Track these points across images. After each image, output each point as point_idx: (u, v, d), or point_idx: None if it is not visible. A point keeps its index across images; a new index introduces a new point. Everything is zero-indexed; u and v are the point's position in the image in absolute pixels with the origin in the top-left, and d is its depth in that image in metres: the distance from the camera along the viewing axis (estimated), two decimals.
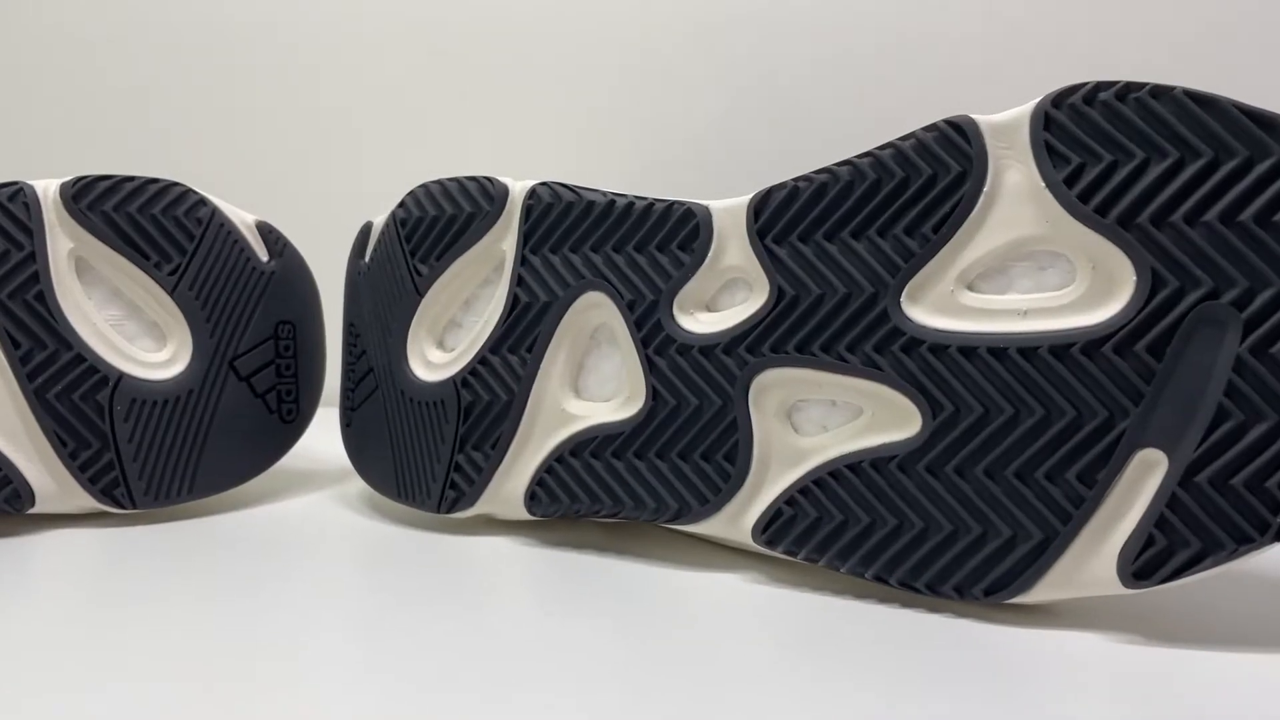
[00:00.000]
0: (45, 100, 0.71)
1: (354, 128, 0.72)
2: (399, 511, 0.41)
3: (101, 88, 0.71)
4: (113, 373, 0.38)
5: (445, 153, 0.69)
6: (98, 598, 0.32)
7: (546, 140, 0.69)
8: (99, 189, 0.38)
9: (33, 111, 0.71)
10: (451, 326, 0.39)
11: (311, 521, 0.40)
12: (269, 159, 0.71)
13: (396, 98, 0.71)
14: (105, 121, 0.71)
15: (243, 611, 0.30)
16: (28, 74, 0.71)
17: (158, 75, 0.71)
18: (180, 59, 0.71)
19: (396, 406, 0.39)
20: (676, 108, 0.67)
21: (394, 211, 0.40)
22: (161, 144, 0.70)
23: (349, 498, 0.44)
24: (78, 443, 0.38)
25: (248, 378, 0.41)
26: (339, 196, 0.68)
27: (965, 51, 0.63)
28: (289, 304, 0.42)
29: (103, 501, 0.38)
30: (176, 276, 0.39)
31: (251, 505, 0.42)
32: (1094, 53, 0.61)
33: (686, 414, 0.34)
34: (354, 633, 0.29)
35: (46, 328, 0.37)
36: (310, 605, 0.31)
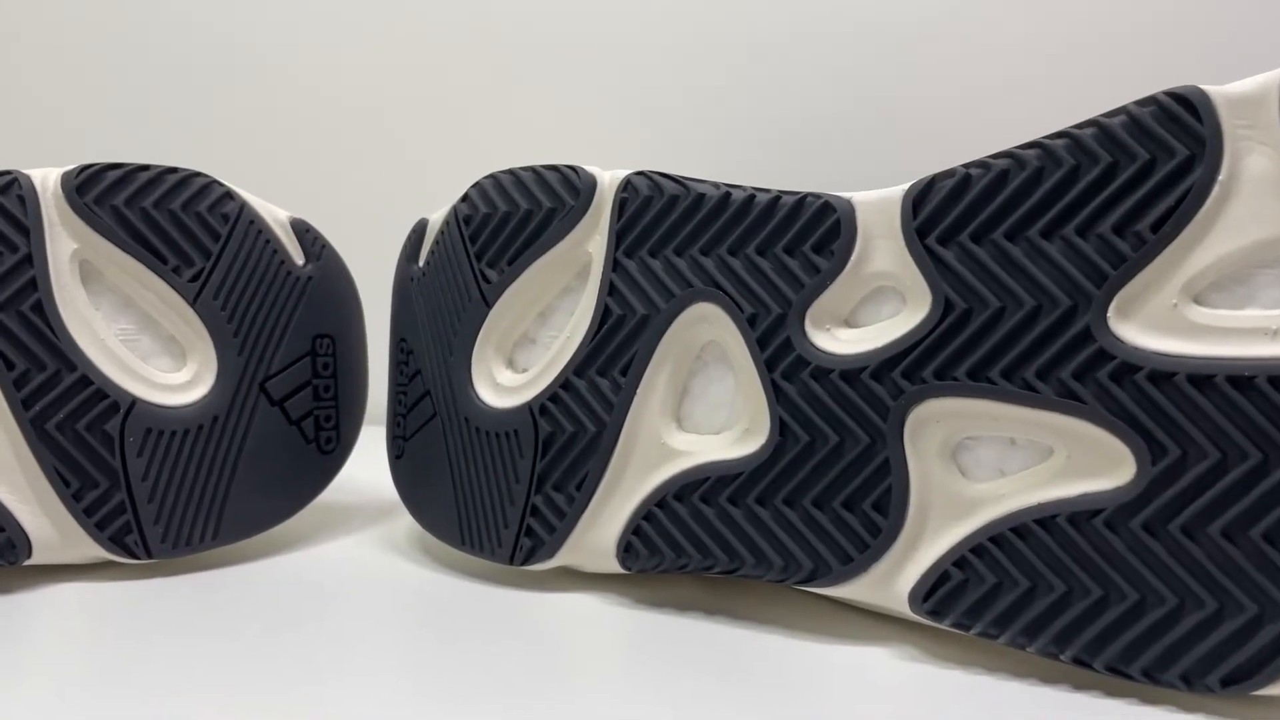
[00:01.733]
0: (48, 88, 0.65)
1: (389, 114, 0.65)
2: (461, 560, 0.35)
3: (113, 78, 0.65)
4: (124, 398, 0.32)
5: (498, 142, 0.63)
6: (105, 667, 0.26)
7: (607, 130, 0.62)
8: (108, 180, 0.32)
9: (33, 100, 0.65)
10: (524, 343, 0.33)
11: (354, 571, 0.34)
12: (295, 151, 0.65)
13: (439, 79, 0.65)
14: (114, 113, 0.65)
15: (273, 682, 0.24)
16: (33, 64, 0.65)
17: (173, 65, 0.65)
18: (199, 46, 0.65)
19: (459, 437, 0.33)
20: (751, 99, 0.61)
21: (455, 207, 0.33)
22: (172, 135, 0.64)
23: (397, 540, 0.38)
24: (83, 482, 0.32)
25: (281, 402, 0.35)
26: (376, 191, 0.63)
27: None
28: (328, 315, 0.36)
29: (112, 551, 0.32)
30: (199, 283, 0.33)
31: (282, 551, 0.36)
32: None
33: (823, 452, 0.28)
34: (406, 712, 0.23)
35: (45, 345, 0.31)
36: (354, 677, 0.25)
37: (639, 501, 0.30)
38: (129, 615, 0.30)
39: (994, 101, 0.57)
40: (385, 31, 0.65)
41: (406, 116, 0.65)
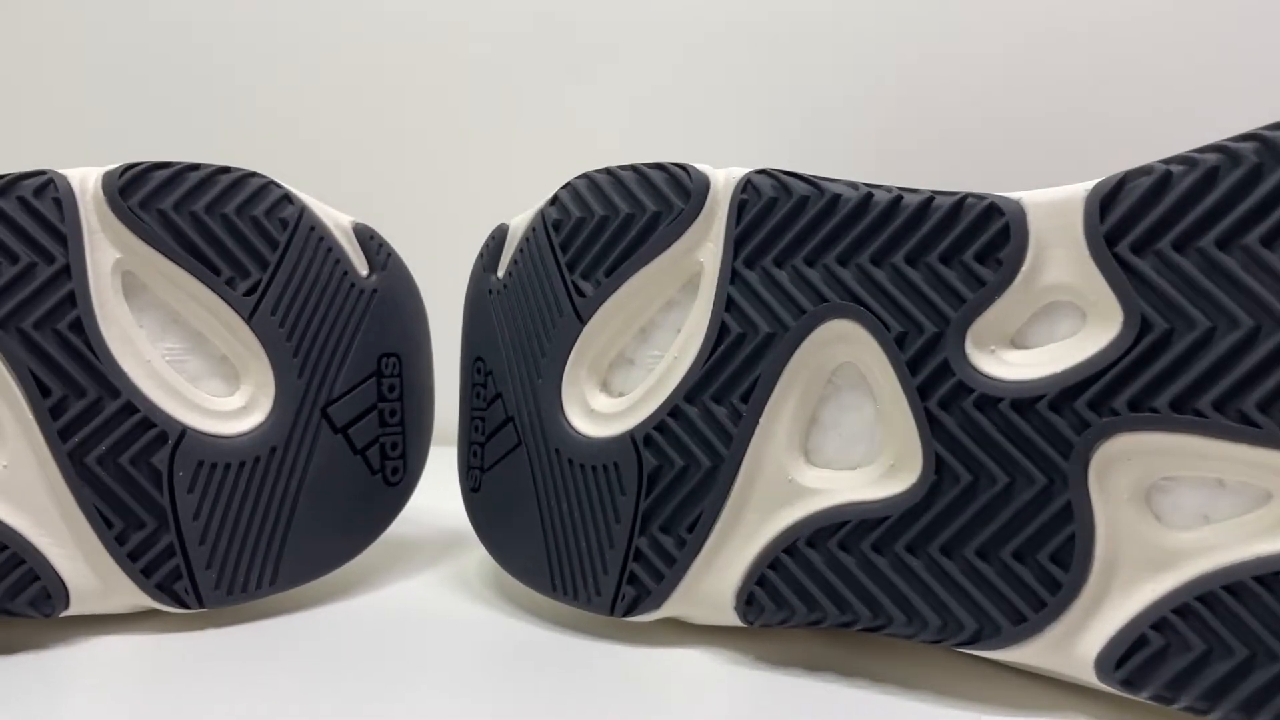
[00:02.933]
0: (86, 82, 0.61)
1: (448, 107, 0.61)
2: (548, 607, 0.31)
3: (149, 74, 0.61)
4: (173, 427, 0.28)
5: (571, 139, 0.59)
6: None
7: (691, 127, 0.58)
8: (154, 180, 0.29)
9: (68, 95, 0.61)
10: (620, 364, 0.29)
11: (426, 618, 0.31)
12: (343, 149, 0.60)
13: (502, 70, 0.60)
14: (149, 110, 0.61)
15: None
16: (73, 57, 0.61)
17: (214, 60, 0.62)
18: (241, 42, 0.61)
19: (548, 469, 0.29)
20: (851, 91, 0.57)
21: (543, 211, 0.30)
22: (210, 134, 0.60)
23: (470, 580, 0.34)
24: (127, 522, 0.28)
25: (344, 429, 0.31)
26: (437, 192, 0.58)
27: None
28: (394, 331, 0.33)
29: (159, 599, 0.29)
30: (255, 297, 0.30)
31: (343, 595, 0.32)
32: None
33: (989, 494, 0.24)
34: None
35: (85, 368, 0.27)
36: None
37: (762, 546, 0.26)
38: (178, 673, 0.26)
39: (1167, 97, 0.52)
40: (445, 21, 0.60)
41: (466, 110, 0.61)
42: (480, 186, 0.58)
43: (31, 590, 0.27)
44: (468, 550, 0.37)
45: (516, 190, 0.34)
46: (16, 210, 0.27)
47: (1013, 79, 0.54)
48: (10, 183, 0.27)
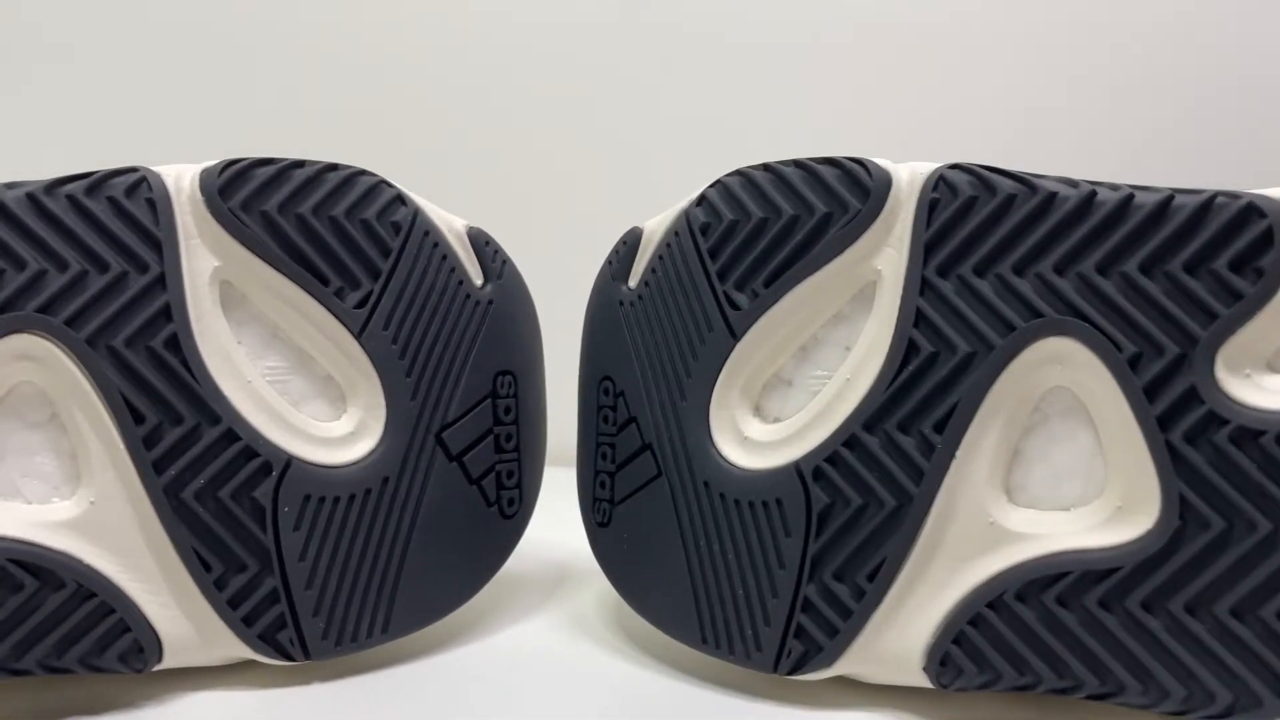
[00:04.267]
0: (186, 78, 0.58)
1: (566, 101, 0.56)
2: (687, 656, 0.27)
3: (242, 69, 0.58)
4: (278, 456, 0.25)
5: (698, 132, 0.54)
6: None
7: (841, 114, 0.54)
8: (257, 179, 0.25)
9: (165, 91, 0.57)
10: (777, 385, 0.26)
11: (551, 670, 0.28)
12: (439, 146, 0.56)
13: (610, 58, 0.56)
14: (233, 104, 0.58)
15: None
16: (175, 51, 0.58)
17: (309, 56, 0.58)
18: (339, 36, 0.58)
19: (696, 505, 0.26)
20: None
21: (687, 213, 0.26)
22: (304, 129, 0.56)
23: (590, 622, 0.31)
24: (226, 565, 0.25)
25: (459, 456, 0.28)
26: (546, 191, 0.54)
27: None
28: (509, 347, 0.29)
29: (261, 651, 0.25)
30: (367, 310, 0.26)
31: (455, 643, 0.29)
32: None
33: (1250, 543, 0.20)
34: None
35: (182, 390, 0.24)
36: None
37: (959, 599, 0.23)
38: None
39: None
40: (548, 12, 0.57)
41: (583, 106, 0.56)
42: (597, 185, 0.55)
43: (122, 643, 0.24)
44: (581, 586, 0.34)
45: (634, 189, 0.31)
46: (106, 212, 0.24)
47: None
48: (99, 181, 0.24)
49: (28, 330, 0.23)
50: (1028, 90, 0.54)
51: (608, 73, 0.56)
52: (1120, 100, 0.53)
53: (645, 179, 0.50)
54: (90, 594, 0.24)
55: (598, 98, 0.56)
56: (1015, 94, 0.54)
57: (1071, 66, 0.53)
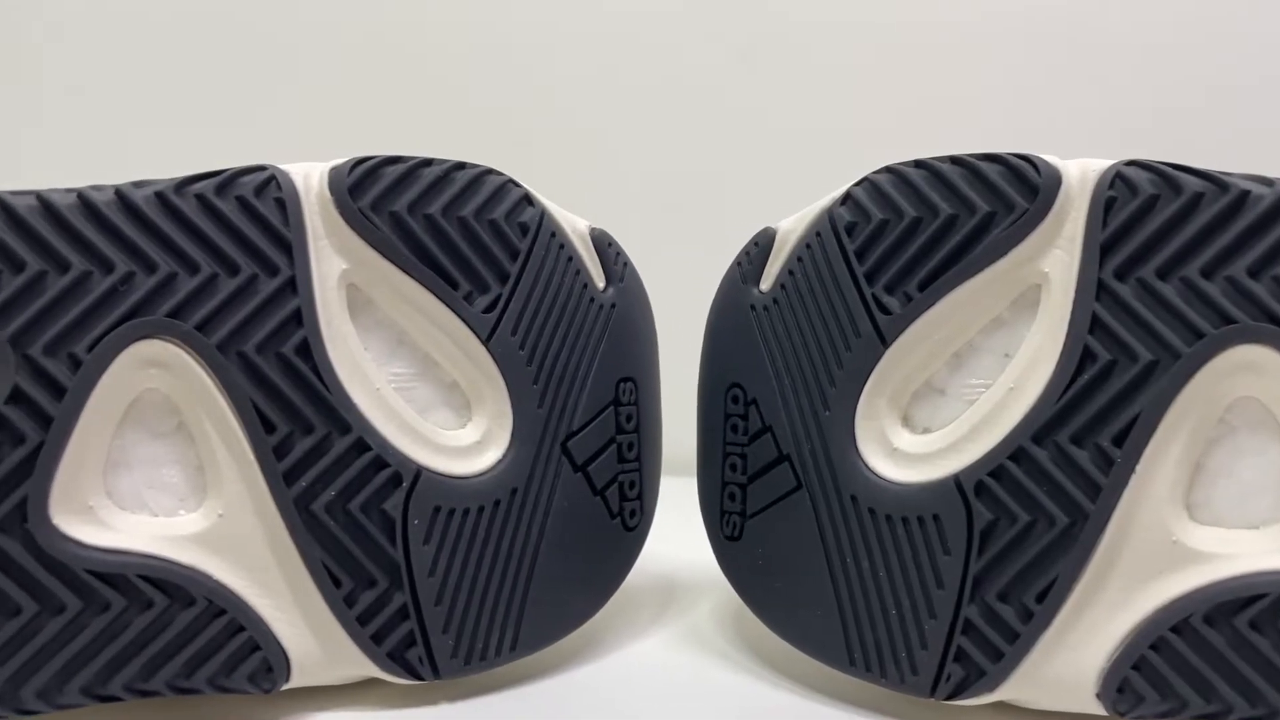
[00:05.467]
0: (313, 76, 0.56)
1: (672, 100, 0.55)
2: (827, 678, 0.26)
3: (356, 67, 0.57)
4: (408, 467, 0.24)
5: (813, 129, 0.53)
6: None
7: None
8: (387, 178, 0.24)
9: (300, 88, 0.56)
10: (927, 394, 0.25)
11: (683, 691, 0.26)
12: (540, 141, 0.54)
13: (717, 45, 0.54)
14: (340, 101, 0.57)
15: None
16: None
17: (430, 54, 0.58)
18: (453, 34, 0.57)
19: (841, 520, 0.25)
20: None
21: (831, 212, 0.25)
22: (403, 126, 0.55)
23: (710, 639, 0.30)
24: (356, 581, 0.24)
25: (584, 466, 0.27)
26: (652, 189, 0.53)
27: None
28: (631, 353, 0.28)
29: (390, 670, 0.24)
30: (495, 314, 0.25)
31: (577, 661, 0.28)
32: None
33: None
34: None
35: (313, 399, 0.23)
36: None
37: (1138, 621, 0.22)
38: None
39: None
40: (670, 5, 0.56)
41: (681, 94, 0.55)
42: (703, 185, 0.53)
43: (251, 662, 0.23)
44: (695, 600, 0.32)
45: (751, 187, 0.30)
46: (236, 212, 0.23)
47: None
48: (228, 180, 0.23)
49: (158, 335, 0.22)
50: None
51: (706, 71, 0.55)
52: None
53: (752, 179, 0.49)
54: (220, 611, 0.23)
55: (703, 97, 0.55)
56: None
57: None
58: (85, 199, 0.22)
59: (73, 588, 0.21)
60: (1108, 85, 0.52)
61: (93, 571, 0.21)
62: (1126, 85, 0.52)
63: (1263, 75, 0.51)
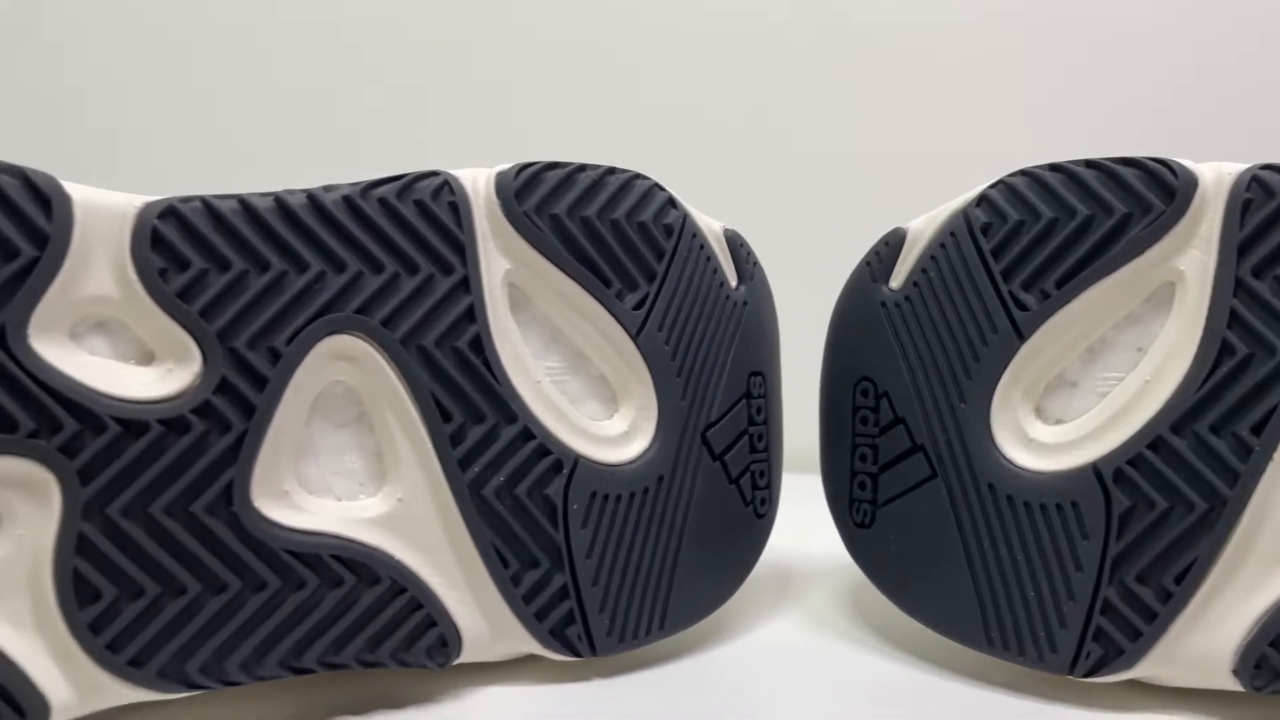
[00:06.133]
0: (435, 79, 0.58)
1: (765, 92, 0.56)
2: (943, 652, 0.27)
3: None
4: (567, 455, 0.26)
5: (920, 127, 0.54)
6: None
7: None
8: (549, 182, 0.26)
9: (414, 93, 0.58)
10: (1060, 386, 0.26)
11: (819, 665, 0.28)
12: (642, 140, 0.55)
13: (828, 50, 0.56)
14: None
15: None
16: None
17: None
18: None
19: (978, 507, 0.26)
20: None
21: (966, 213, 0.26)
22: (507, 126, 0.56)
23: (834, 621, 0.31)
24: (522, 562, 0.25)
25: (721, 456, 0.28)
26: (764, 188, 0.54)
27: None
28: (760, 348, 0.30)
29: (551, 646, 0.26)
30: (644, 311, 0.27)
31: (714, 641, 0.29)
32: None
33: None
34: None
35: (485, 390, 0.25)
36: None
37: (1276, 599, 0.23)
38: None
39: None
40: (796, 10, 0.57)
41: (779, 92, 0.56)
42: (820, 183, 0.55)
43: (428, 638, 0.24)
44: (811, 586, 0.34)
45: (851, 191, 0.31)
46: (415, 215, 0.24)
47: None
48: (407, 184, 0.25)
49: (347, 331, 0.24)
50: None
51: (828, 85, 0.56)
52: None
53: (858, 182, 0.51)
54: (401, 589, 0.24)
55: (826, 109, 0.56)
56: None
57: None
58: (281, 202, 0.23)
59: (272, 566, 0.23)
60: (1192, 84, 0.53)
61: (290, 551, 0.23)
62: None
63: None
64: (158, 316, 0.22)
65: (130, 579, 0.22)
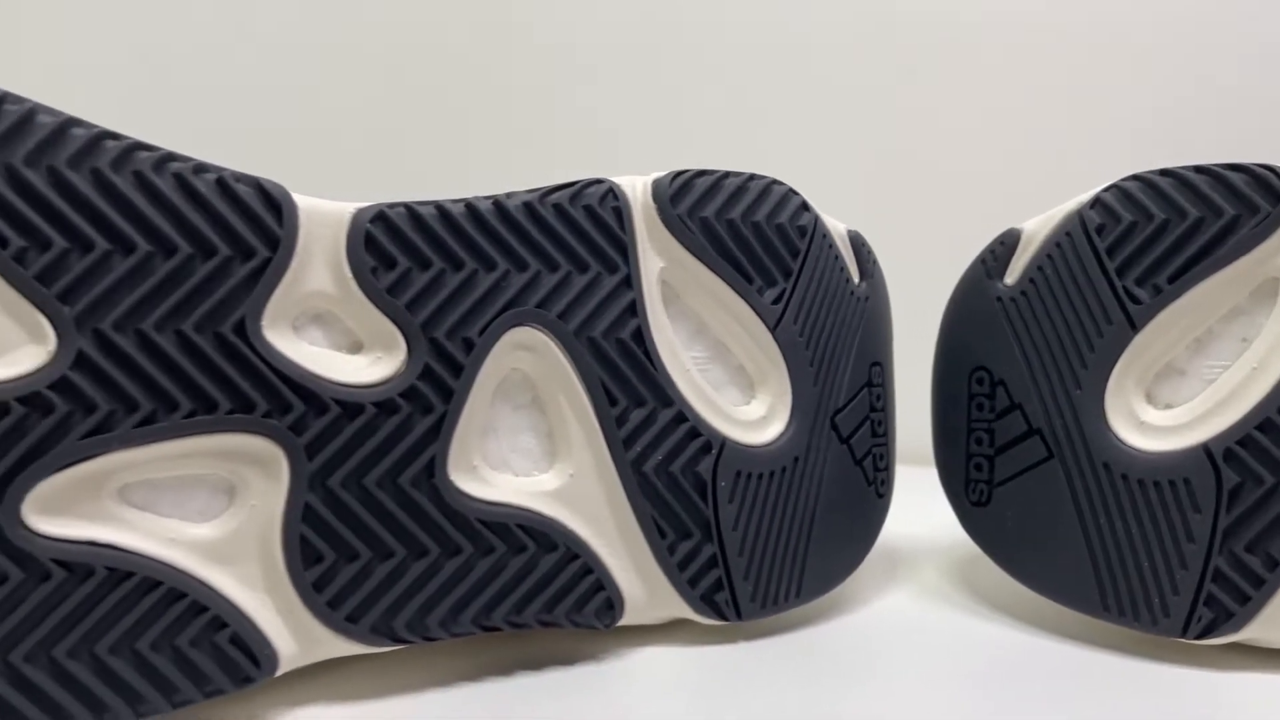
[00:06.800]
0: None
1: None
2: (1064, 620, 0.30)
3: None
4: (715, 436, 0.28)
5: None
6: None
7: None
8: (700, 188, 0.28)
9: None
10: (1169, 374, 0.28)
11: (947, 635, 0.30)
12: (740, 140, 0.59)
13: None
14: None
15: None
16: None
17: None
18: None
19: (1094, 485, 0.28)
20: None
21: (1081, 215, 0.29)
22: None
23: (945, 593, 0.33)
24: (677, 533, 0.28)
25: (848, 439, 0.31)
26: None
27: None
28: (879, 340, 0.32)
29: (700, 610, 0.28)
30: (781, 305, 0.29)
31: (837, 612, 0.32)
32: None
33: None
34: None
35: (645, 377, 0.27)
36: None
37: None
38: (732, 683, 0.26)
39: None
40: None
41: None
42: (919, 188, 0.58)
43: (597, 601, 0.27)
44: (918, 564, 0.36)
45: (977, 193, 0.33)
46: (584, 219, 0.27)
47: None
48: (578, 191, 0.27)
49: (528, 323, 0.26)
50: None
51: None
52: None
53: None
54: (574, 556, 0.27)
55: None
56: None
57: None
58: (472, 207, 0.26)
59: (466, 533, 0.25)
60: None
61: (481, 520, 0.26)
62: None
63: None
64: (369, 310, 0.25)
65: (347, 544, 0.24)
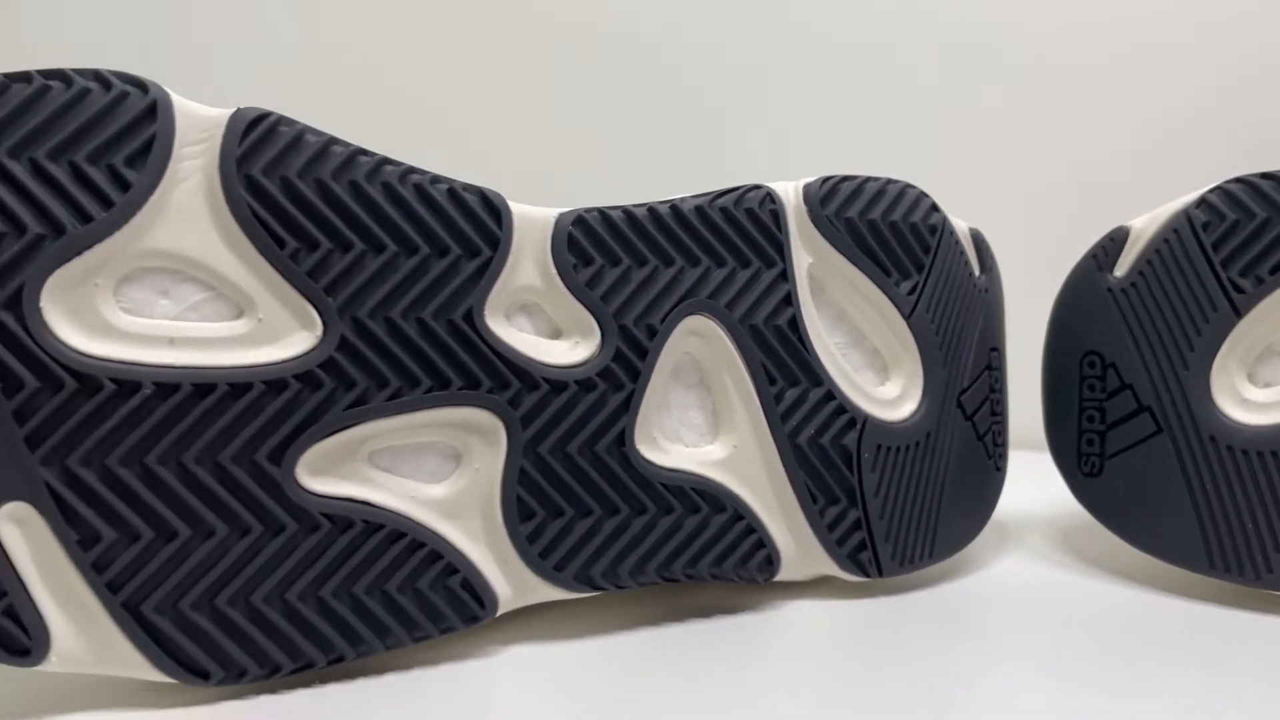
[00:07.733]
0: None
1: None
2: (1161, 575, 0.33)
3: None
4: (859, 413, 0.32)
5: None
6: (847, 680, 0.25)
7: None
8: (845, 191, 0.32)
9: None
10: (1268, 356, 0.32)
11: (1063, 596, 0.33)
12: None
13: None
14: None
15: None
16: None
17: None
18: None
19: (1201, 456, 0.31)
20: None
21: (1188, 213, 0.32)
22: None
23: (1052, 556, 0.37)
24: (827, 498, 0.31)
25: (972, 417, 0.34)
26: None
27: None
28: (996, 327, 0.35)
29: (846, 568, 0.32)
30: (915, 296, 0.33)
31: (954, 575, 0.35)
32: None
33: None
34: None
35: (799, 360, 0.31)
36: None
37: None
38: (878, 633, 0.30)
39: None
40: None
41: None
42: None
43: (758, 557, 0.31)
44: (1022, 535, 0.39)
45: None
46: (747, 220, 0.31)
47: None
48: (741, 195, 0.31)
49: (701, 312, 0.30)
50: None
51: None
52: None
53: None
54: (739, 517, 0.30)
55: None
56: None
57: None
58: (653, 211, 0.30)
59: (650, 495, 0.29)
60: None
61: (663, 484, 0.29)
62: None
63: None
64: (569, 301, 0.29)
65: (554, 502, 0.28)
